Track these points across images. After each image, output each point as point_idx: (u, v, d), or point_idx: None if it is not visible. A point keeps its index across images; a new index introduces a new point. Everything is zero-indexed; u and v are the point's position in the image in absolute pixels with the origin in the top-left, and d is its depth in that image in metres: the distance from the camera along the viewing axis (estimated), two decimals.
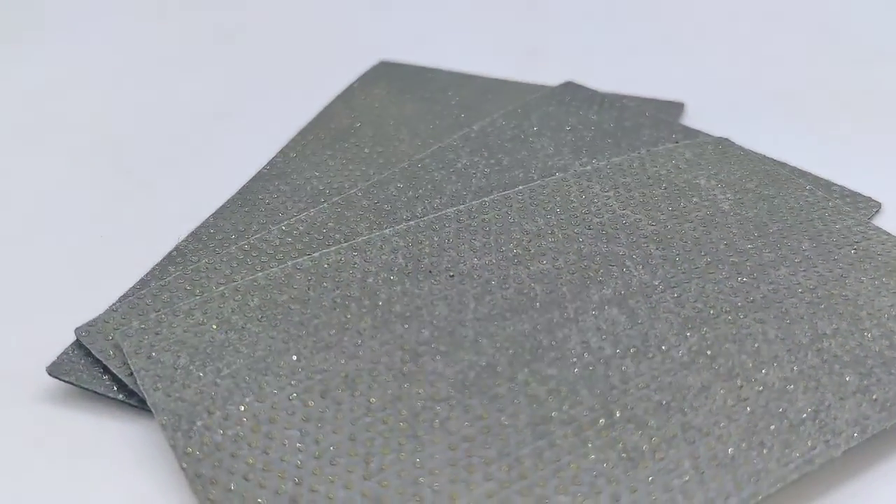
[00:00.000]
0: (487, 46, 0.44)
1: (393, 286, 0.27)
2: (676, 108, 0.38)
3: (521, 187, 0.31)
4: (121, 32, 0.46)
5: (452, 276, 0.27)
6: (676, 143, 0.34)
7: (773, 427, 0.23)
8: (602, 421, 0.23)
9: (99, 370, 0.26)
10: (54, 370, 0.26)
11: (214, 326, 0.26)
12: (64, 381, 0.25)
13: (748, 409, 0.23)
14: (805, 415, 0.23)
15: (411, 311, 0.26)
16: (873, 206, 0.32)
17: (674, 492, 0.21)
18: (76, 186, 0.35)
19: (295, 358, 0.25)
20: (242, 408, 0.23)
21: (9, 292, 0.30)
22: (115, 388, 0.25)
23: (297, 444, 0.23)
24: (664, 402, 0.23)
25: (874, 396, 0.23)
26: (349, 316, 0.26)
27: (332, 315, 0.26)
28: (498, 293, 0.27)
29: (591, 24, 0.46)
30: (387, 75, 0.40)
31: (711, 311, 0.26)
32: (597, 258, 0.28)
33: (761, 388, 0.24)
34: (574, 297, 0.26)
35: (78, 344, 0.26)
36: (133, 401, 0.25)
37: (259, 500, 0.21)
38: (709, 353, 0.25)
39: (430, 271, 0.27)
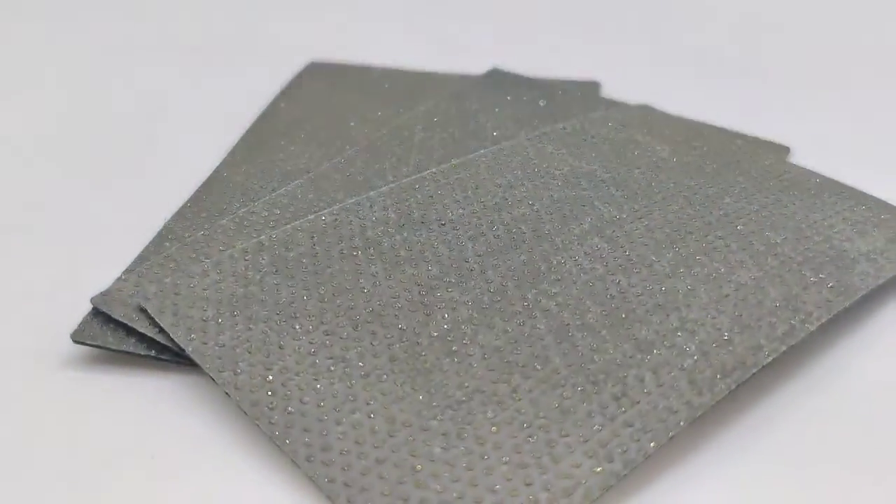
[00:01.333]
0: (398, 42, 0.47)
1: (392, 236, 0.29)
2: (593, 86, 0.41)
3: (483, 150, 0.34)
4: (50, 32, 0.46)
5: (444, 224, 0.30)
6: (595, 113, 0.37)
7: (755, 314, 0.26)
8: (612, 322, 0.26)
9: (122, 333, 0.26)
10: (79, 336, 0.26)
11: (233, 282, 0.27)
12: (90, 345, 0.26)
13: (732, 302, 0.26)
14: (778, 303, 0.26)
15: (415, 254, 0.28)
16: (784, 150, 0.36)
17: (687, 370, 0.24)
18: (33, 183, 0.35)
19: (319, 301, 0.26)
20: (281, 347, 0.25)
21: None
22: (146, 346, 0.26)
23: (344, 370, 0.24)
24: (660, 304, 0.26)
25: (830, 284, 0.27)
26: (359, 263, 0.28)
27: (342, 264, 0.28)
28: (490, 234, 0.29)
29: (494, 13, 0.49)
30: (321, 73, 0.42)
31: (678, 234, 0.29)
32: (568, 200, 0.31)
33: (737, 287, 0.27)
34: (557, 232, 0.29)
35: (95, 313, 0.27)
36: (165, 355, 0.26)
37: (321, 418, 0.23)
38: (686, 264, 0.28)
39: (423, 222, 0.30)
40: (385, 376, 0.24)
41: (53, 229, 0.32)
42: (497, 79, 0.41)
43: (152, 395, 0.25)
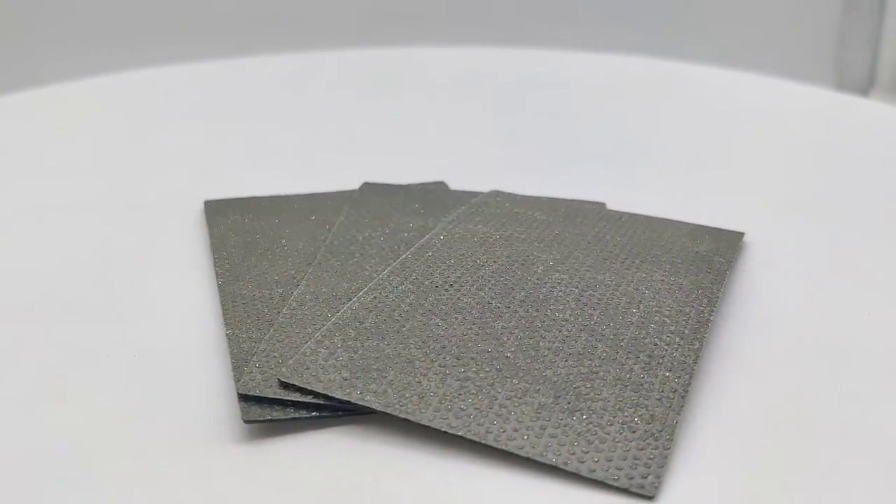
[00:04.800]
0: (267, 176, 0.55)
1: (426, 297, 0.38)
2: (442, 184, 0.53)
3: (429, 235, 0.44)
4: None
5: (452, 285, 0.40)
6: (472, 200, 0.49)
7: (683, 294, 0.39)
8: (611, 316, 0.37)
9: (278, 406, 0.33)
10: (248, 416, 0.32)
11: (342, 352, 0.35)
12: (260, 421, 0.32)
13: (665, 292, 0.40)
14: (690, 286, 0.40)
15: (450, 306, 0.38)
16: (602, 204, 0.51)
17: (676, 332, 0.37)
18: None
19: (417, 349, 0.35)
20: (419, 381, 0.33)
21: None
22: (305, 411, 0.33)
23: (474, 384, 0.33)
24: (629, 301, 0.39)
25: (707, 270, 0.42)
26: (421, 319, 0.37)
27: (410, 322, 0.37)
28: (488, 285, 0.40)
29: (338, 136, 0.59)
30: (225, 207, 0.49)
31: (600, 262, 0.42)
32: (517, 255, 0.42)
33: (661, 283, 0.40)
34: (529, 274, 0.41)
35: (245, 399, 0.33)
36: (325, 413, 0.33)
37: (485, 416, 0.32)
38: (622, 277, 0.41)
39: (437, 286, 0.39)
40: (506, 380, 0.34)
41: (130, 356, 0.37)
42: (372, 189, 0.51)
43: (321, 444, 0.32)
